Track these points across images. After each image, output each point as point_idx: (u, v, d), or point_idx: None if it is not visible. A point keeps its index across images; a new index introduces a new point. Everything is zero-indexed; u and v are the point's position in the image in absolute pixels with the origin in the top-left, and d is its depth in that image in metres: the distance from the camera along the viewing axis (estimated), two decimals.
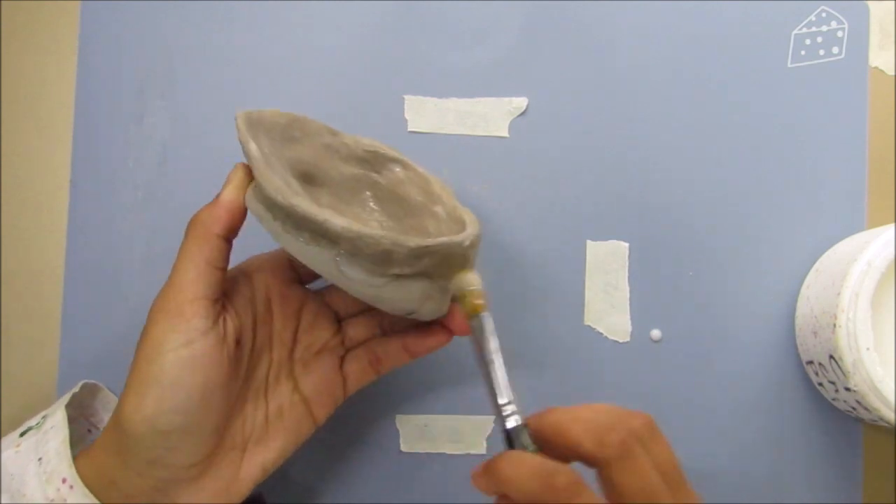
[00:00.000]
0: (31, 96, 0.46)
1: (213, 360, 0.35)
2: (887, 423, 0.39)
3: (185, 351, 0.34)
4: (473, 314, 0.36)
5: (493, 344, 0.35)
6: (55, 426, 0.37)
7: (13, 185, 0.45)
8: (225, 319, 0.36)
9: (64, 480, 0.35)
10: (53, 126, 0.46)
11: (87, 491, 0.35)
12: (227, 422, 0.37)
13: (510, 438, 0.33)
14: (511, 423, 0.33)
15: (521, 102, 0.46)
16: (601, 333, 0.45)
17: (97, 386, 0.42)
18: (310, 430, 0.39)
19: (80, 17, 0.46)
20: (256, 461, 0.38)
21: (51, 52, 0.46)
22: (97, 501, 0.35)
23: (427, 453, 0.45)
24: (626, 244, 0.45)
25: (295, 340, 0.40)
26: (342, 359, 0.40)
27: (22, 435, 0.37)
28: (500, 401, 0.34)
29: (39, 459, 0.36)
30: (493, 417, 0.44)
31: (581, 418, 0.32)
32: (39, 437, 0.37)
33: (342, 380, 0.40)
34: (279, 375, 0.39)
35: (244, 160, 0.36)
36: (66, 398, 0.39)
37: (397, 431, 0.45)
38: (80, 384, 0.40)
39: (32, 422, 0.38)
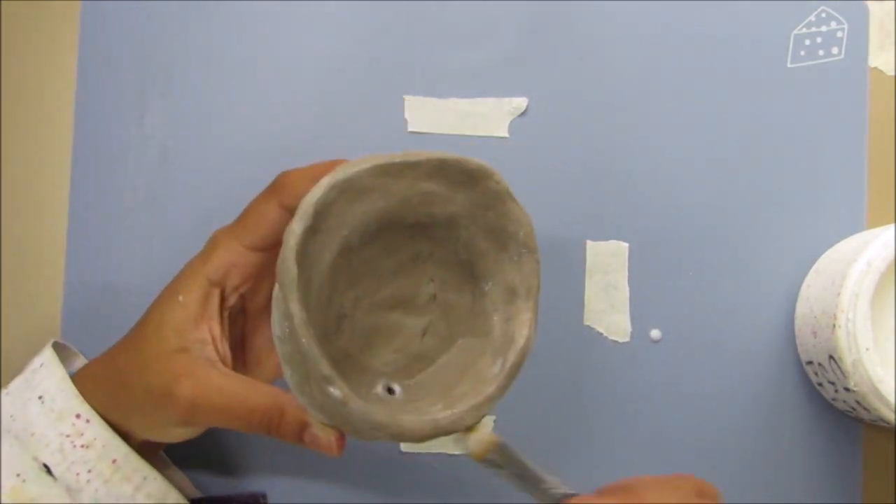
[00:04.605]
0: (31, 96, 0.46)
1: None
2: (887, 423, 0.39)
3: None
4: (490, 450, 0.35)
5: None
6: (45, 363, 0.37)
7: (13, 185, 0.45)
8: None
9: (78, 416, 0.35)
10: (53, 126, 0.46)
11: (105, 424, 0.35)
12: None
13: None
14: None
15: (521, 102, 0.46)
16: (601, 333, 0.45)
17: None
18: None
19: (80, 17, 0.46)
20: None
21: (51, 52, 0.46)
22: (114, 434, 0.35)
23: (427, 453, 0.45)
24: (626, 244, 0.45)
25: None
26: None
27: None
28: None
29: (40, 398, 0.35)
30: (492, 417, 0.44)
31: None
32: (28, 376, 0.37)
33: None
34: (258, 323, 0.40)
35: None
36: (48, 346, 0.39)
37: None
38: (52, 341, 0.40)
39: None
